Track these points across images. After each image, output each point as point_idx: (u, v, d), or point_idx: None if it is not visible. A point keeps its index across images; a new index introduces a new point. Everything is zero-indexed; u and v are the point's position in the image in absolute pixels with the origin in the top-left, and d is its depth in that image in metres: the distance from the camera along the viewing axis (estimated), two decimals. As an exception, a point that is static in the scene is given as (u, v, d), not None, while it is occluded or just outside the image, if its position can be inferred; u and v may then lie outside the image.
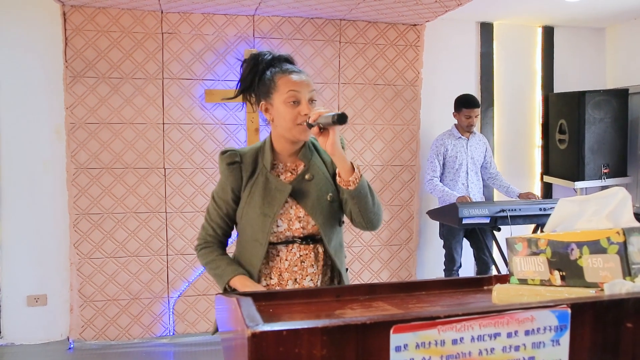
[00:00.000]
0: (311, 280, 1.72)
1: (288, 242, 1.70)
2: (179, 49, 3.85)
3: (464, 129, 3.96)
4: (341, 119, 1.50)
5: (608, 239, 0.99)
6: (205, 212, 1.82)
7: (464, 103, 3.93)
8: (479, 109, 3.96)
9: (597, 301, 0.88)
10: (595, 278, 1.00)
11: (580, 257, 1.04)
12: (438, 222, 4.07)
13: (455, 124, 4.02)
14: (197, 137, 3.91)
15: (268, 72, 1.71)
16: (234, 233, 1.83)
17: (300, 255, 1.71)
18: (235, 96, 1.78)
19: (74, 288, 3.74)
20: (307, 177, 1.72)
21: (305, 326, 0.70)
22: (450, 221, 3.65)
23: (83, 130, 3.72)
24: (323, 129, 1.58)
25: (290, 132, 1.67)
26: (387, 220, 4.29)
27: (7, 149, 3.71)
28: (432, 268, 4.51)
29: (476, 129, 4.10)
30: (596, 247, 1.01)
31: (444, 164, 3.98)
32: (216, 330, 1.80)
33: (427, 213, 3.96)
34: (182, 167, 3.89)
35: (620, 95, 4.37)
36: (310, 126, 1.60)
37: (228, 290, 1.68)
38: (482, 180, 4.11)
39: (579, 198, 1.16)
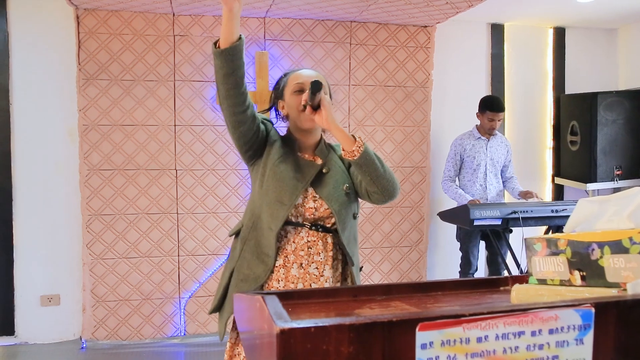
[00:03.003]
0: (316, 268, 1.74)
1: (298, 224, 1.74)
2: (190, 51, 3.87)
3: (485, 131, 3.94)
4: (313, 85, 1.60)
5: (630, 239, 0.98)
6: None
7: (488, 105, 3.89)
8: (504, 113, 3.92)
9: (620, 300, 0.88)
10: (617, 278, 1.00)
11: (601, 257, 1.04)
12: (454, 225, 4.06)
13: (476, 125, 4.00)
14: (208, 139, 3.93)
15: (284, 79, 1.86)
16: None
17: (308, 241, 1.74)
18: (269, 109, 1.93)
19: (86, 288, 3.77)
20: (324, 170, 1.78)
21: (333, 323, 0.71)
22: (462, 223, 3.65)
23: (96, 132, 3.75)
24: (317, 108, 1.66)
25: (298, 119, 1.77)
26: (398, 221, 4.29)
27: (21, 150, 3.74)
28: (443, 270, 4.51)
29: (498, 130, 4.07)
30: (618, 247, 1.01)
31: (462, 164, 3.97)
32: (214, 310, 1.83)
33: (438, 215, 3.96)
34: (194, 169, 3.91)
35: (634, 97, 4.34)
36: (304, 107, 1.68)
37: (218, 48, 1.58)
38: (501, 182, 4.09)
39: (599, 198, 1.16)
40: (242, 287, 1.73)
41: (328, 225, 1.76)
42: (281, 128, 1.91)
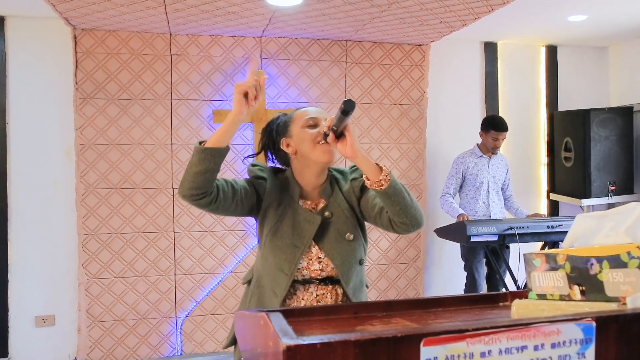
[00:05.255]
0: None
1: (306, 282, 1.69)
2: (187, 70, 3.90)
3: (488, 149, 3.98)
4: (347, 105, 1.45)
5: (628, 253, 1.00)
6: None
7: (493, 125, 3.92)
8: (507, 132, 3.94)
9: (620, 315, 0.89)
10: (617, 292, 1.01)
11: (600, 271, 1.05)
12: (451, 242, 4.06)
13: (477, 144, 4.04)
14: (205, 157, 3.93)
15: (283, 117, 1.79)
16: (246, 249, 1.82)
17: (317, 295, 1.70)
18: (258, 152, 1.84)
19: (82, 308, 3.74)
20: (326, 214, 1.71)
21: (339, 339, 0.71)
22: (458, 239, 3.65)
23: (92, 150, 3.76)
24: (340, 135, 1.55)
25: (313, 153, 1.66)
26: (394, 238, 4.29)
27: (17, 169, 3.74)
28: (440, 286, 4.50)
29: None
30: (616, 262, 1.02)
31: (464, 182, 4.00)
32: (229, 344, 1.80)
33: (434, 231, 3.96)
34: (190, 187, 3.90)
35: (625, 113, 4.40)
36: (326, 135, 1.57)
37: (202, 147, 1.50)
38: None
39: (597, 214, 1.18)
40: None
41: (336, 278, 1.71)
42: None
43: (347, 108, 1.46)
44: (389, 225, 1.65)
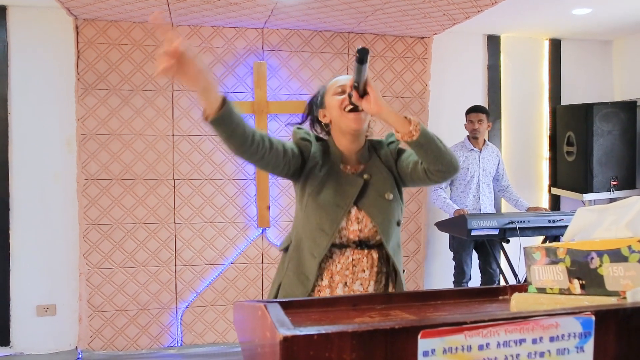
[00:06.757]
0: (361, 284, 1.72)
1: (342, 245, 1.72)
2: (189, 61, 3.88)
3: (470, 135, 3.99)
4: (361, 52, 1.46)
5: (629, 247, 0.99)
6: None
7: (467, 110, 4.03)
8: (483, 115, 3.97)
9: (620, 309, 0.89)
10: (617, 286, 1.00)
11: (600, 265, 1.04)
12: (447, 234, 4.07)
13: (467, 136, 4.05)
14: (206, 149, 3.93)
15: (321, 90, 1.85)
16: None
17: (353, 260, 1.72)
18: (302, 122, 1.89)
19: (83, 298, 3.75)
20: (365, 176, 1.75)
21: (336, 330, 0.71)
22: (459, 233, 3.65)
23: (94, 141, 3.75)
24: (364, 94, 1.57)
25: (341, 120, 1.71)
26: (395, 231, 4.28)
27: (19, 159, 3.74)
28: (440, 280, 4.50)
29: (487, 139, 4.11)
30: (617, 256, 1.02)
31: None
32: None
33: (435, 225, 3.96)
34: (191, 178, 3.91)
35: (629, 108, 4.38)
36: (350, 96, 1.60)
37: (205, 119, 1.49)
38: (493, 192, 4.13)
39: (598, 207, 1.17)
40: None
41: (372, 242, 1.73)
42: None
43: (362, 55, 1.47)
44: (425, 177, 1.68)
